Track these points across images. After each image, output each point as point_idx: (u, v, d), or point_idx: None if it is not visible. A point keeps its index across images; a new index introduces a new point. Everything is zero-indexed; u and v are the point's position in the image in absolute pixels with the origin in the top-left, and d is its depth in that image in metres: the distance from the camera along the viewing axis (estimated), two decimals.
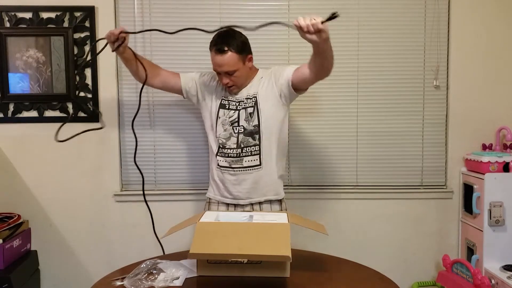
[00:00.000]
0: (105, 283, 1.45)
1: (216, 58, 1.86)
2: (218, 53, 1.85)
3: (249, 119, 1.94)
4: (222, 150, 1.96)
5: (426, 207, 2.51)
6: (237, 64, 1.87)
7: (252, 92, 1.95)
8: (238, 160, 1.94)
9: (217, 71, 1.91)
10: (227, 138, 1.95)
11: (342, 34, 2.44)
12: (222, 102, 1.98)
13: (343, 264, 1.65)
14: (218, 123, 1.97)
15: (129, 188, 2.50)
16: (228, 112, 1.96)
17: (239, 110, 1.95)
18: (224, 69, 1.86)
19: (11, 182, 2.44)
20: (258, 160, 1.94)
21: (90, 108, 2.42)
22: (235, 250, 1.36)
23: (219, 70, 1.88)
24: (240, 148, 1.93)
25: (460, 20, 2.44)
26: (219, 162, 1.97)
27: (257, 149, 1.94)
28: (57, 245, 2.48)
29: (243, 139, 1.93)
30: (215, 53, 1.86)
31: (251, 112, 1.94)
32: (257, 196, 1.97)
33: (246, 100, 1.95)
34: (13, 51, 2.37)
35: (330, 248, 2.45)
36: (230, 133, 1.94)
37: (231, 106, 1.96)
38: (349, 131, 2.48)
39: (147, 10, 2.42)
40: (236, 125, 1.94)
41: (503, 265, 2.22)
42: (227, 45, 1.85)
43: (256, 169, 1.94)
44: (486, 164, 2.26)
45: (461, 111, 2.47)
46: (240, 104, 1.95)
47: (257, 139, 1.93)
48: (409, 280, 2.53)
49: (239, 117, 1.94)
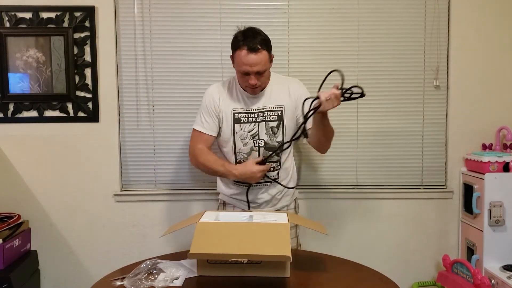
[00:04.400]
0: (105, 283, 1.45)
1: (249, 57, 1.73)
2: (251, 52, 1.73)
3: (271, 133, 1.87)
4: None
5: (426, 207, 2.51)
6: (267, 63, 1.79)
7: (276, 104, 1.87)
8: None
9: (246, 72, 1.77)
10: (248, 152, 1.88)
11: (342, 34, 2.44)
12: (236, 116, 1.88)
13: (343, 264, 1.65)
14: (237, 138, 1.88)
15: (129, 188, 2.50)
16: (245, 126, 1.87)
17: (258, 122, 1.87)
18: (256, 69, 1.75)
19: (11, 182, 2.44)
20: (276, 175, 1.92)
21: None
22: (235, 250, 1.36)
23: (251, 70, 1.75)
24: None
25: (460, 20, 2.44)
26: None
27: (278, 164, 1.91)
28: (57, 245, 2.48)
29: (264, 153, 1.87)
30: (247, 52, 1.73)
31: (274, 127, 1.87)
32: (273, 205, 1.96)
33: (269, 113, 1.87)
34: (13, 51, 2.37)
35: (330, 248, 2.46)
36: (251, 147, 1.87)
37: (250, 119, 1.87)
38: (349, 131, 2.48)
39: (147, 10, 2.42)
40: (256, 138, 1.87)
41: (503, 265, 2.22)
42: (259, 43, 1.74)
43: (273, 183, 1.92)
44: (486, 164, 2.26)
45: (461, 111, 2.47)
46: (259, 115, 1.87)
47: (279, 155, 1.89)
48: (409, 280, 2.53)
49: (259, 130, 1.87)
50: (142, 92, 2.45)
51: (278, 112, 1.87)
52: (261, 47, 1.75)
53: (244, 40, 1.76)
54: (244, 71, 1.78)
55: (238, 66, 1.79)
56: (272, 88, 1.91)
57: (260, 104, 1.88)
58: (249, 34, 1.77)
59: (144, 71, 2.44)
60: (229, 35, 2.39)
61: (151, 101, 2.46)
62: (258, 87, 1.83)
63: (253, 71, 1.76)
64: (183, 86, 2.44)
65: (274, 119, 1.87)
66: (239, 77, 1.85)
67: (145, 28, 2.42)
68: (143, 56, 2.43)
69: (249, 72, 1.77)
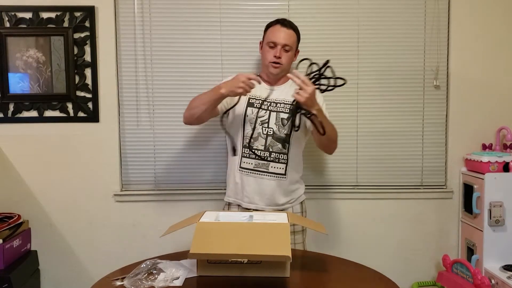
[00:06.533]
0: (105, 283, 1.45)
1: (281, 30, 1.92)
2: (283, 26, 1.93)
3: (280, 124, 1.91)
4: (248, 151, 1.92)
5: (426, 207, 2.51)
6: (294, 44, 1.95)
7: (290, 99, 1.90)
8: (264, 164, 1.91)
9: (275, 43, 1.91)
10: (255, 138, 1.92)
11: (342, 34, 2.44)
12: (250, 100, 1.95)
13: (343, 264, 1.65)
14: (246, 121, 1.93)
15: (129, 188, 2.49)
16: (256, 111, 1.92)
17: (270, 111, 1.92)
18: (284, 41, 1.91)
19: (11, 182, 2.44)
20: (283, 170, 1.93)
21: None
22: (235, 250, 1.36)
23: (279, 41, 1.90)
24: (268, 151, 1.90)
25: (460, 20, 2.44)
26: (242, 163, 1.93)
27: (285, 158, 1.92)
28: (57, 245, 2.48)
29: (271, 142, 1.91)
30: (280, 26, 1.93)
31: (284, 119, 1.91)
32: (276, 205, 1.96)
33: (282, 105, 1.93)
34: (13, 51, 2.37)
35: (330, 248, 2.46)
36: (259, 133, 1.91)
37: (263, 106, 1.93)
38: (349, 131, 2.48)
39: (147, 10, 2.42)
40: (266, 126, 1.91)
41: (503, 265, 2.22)
42: (292, 25, 1.96)
43: (279, 177, 1.93)
44: (486, 164, 2.26)
45: (461, 111, 2.47)
46: (271, 105, 1.93)
47: (286, 148, 1.92)
48: (409, 280, 2.53)
49: (269, 119, 1.91)
50: (142, 92, 2.45)
51: (290, 106, 1.92)
52: (293, 28, 1.95)
53: (278, 20, 1.97)
54: (273, 40, 1.92)
55: (268, 38, 1.94)
56: (290, 85, 1.96)
57: (275, 96, 1.95)
58: (284, 19, 1.98)
59: (144, 71, 2.44)
60: (229, 35, 2.42)
61: (151, 101, 2.46)
62: (280, 65, 1.92)
63: (281, 42, 1.91)
64: (183, 86, 2.44)
65: (285, 112, 1.92)
66: (266, 51, 1.95)
67: (145, 28, 2.42)
68: (143, 56, 2.43)
69: (277, 43, 1.91)
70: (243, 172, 1.94)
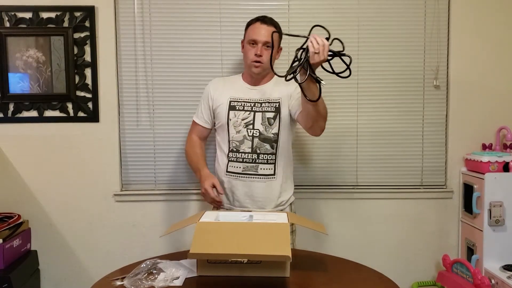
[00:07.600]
0: (105, 283, 1.45)
1: (261, 27, 1.89)
2: (263, 23, 1.89)
3: (267, 125, 1.88)
4: (235, 155, 1.90)
5: (426, 207, 2.51)
6: (275, 42, 1.86)
7: (274, 96, 1.90)
8: (253, 166, 1.89)
9: (256, 41, 1.88)
10: (241, 141, 1.89)
11: (342, 34, 2.43)
12: (231, 104, 1.92)
13: (343, 264, 1.65)
14: (230, 125, 1.90)
15: (129, 188, 2.50)
16: (239, 114, 1.90)
17: (254, 111, 1.89)
18: (265, 38, 1.87)
19: (11, 182, 2.44)
20: (272, 170, 1.90)
21: None
22: (235, 250, 1.35)
23: (259, 39, 1.87)
24: (255, 153, 1.88)
25: (460, 20, 2.44)
26: (229, 167, 1.91)
27: (273, 158, 1.89)
28: (57, 245, 2.48)
29: (258, 143, 1.88)
30: (260, 23, 1.90)
31: (271, 118, 1.88)
32: (268, 207, 1.92)
33: (266, 104, 1.90)
34: (13, 51, 2.37)
35: (330, 248, 2.46)
36: (244, 135, 1.88)
37: (246, 107, 1.90)
38: (349, 131, 2.48)
39: (147, 10, 2.42)
40: (251, 127, 1.88)
41: (503, 265, 2.22)
42: (272, 21, 1.92)
43: (269, 178, 1.90)
44: (486, 164, 2.26)
45: (461, 111, 2.47)
46: (256, 105, 1.90)
47: (274, 148, 1.89)
48: (409, 280, 2.53)
49: (255, 120, 1.89)
50: (142, 92, 2.45)
51: (275, 104, 1.90)
52: (274, 25, 1.91)
53: (258, 17, 1.93)
54: (253, 38, 1.88)
55: (249, 36, 1.91)
56: (273, 84, 1.96)
57: (258, 96, 1.93)
58: (265, 16, 1.94)
59: (144, 71, 2.44)
60: (229, 35, 2.42)
61: (151, 101, 2.46)
62: (261, 64, 1.88)
63: (262, 40, 1.87)
64: (183, 86, 2.44)
65: (271, 110, 1.90)
66: (247, 50, 1.92)
67: (145, 28, 2.42)
68: (143, 56, 2.43)
69: (257, 41, 1.87)
70: (231, 176, 1.92)
